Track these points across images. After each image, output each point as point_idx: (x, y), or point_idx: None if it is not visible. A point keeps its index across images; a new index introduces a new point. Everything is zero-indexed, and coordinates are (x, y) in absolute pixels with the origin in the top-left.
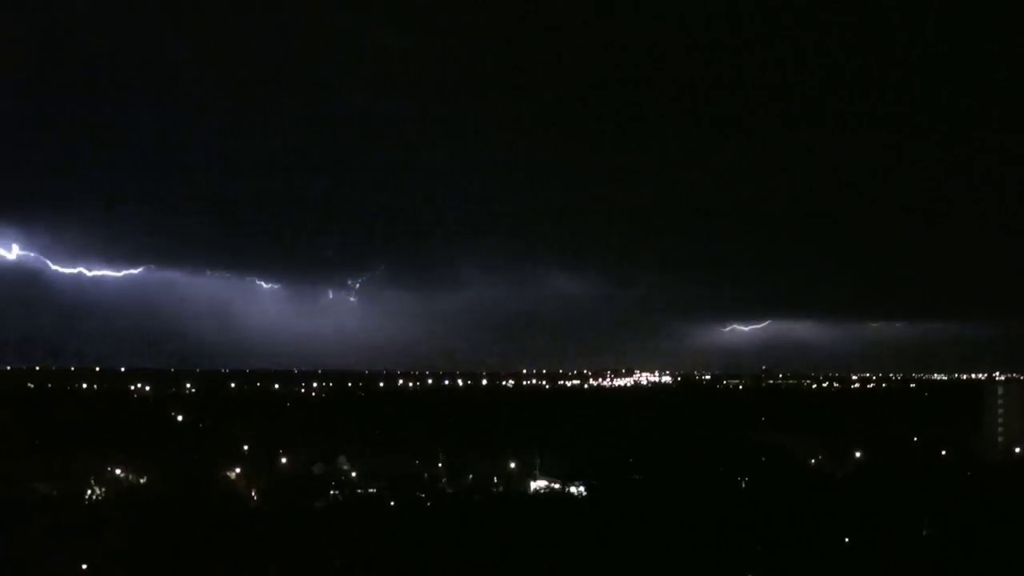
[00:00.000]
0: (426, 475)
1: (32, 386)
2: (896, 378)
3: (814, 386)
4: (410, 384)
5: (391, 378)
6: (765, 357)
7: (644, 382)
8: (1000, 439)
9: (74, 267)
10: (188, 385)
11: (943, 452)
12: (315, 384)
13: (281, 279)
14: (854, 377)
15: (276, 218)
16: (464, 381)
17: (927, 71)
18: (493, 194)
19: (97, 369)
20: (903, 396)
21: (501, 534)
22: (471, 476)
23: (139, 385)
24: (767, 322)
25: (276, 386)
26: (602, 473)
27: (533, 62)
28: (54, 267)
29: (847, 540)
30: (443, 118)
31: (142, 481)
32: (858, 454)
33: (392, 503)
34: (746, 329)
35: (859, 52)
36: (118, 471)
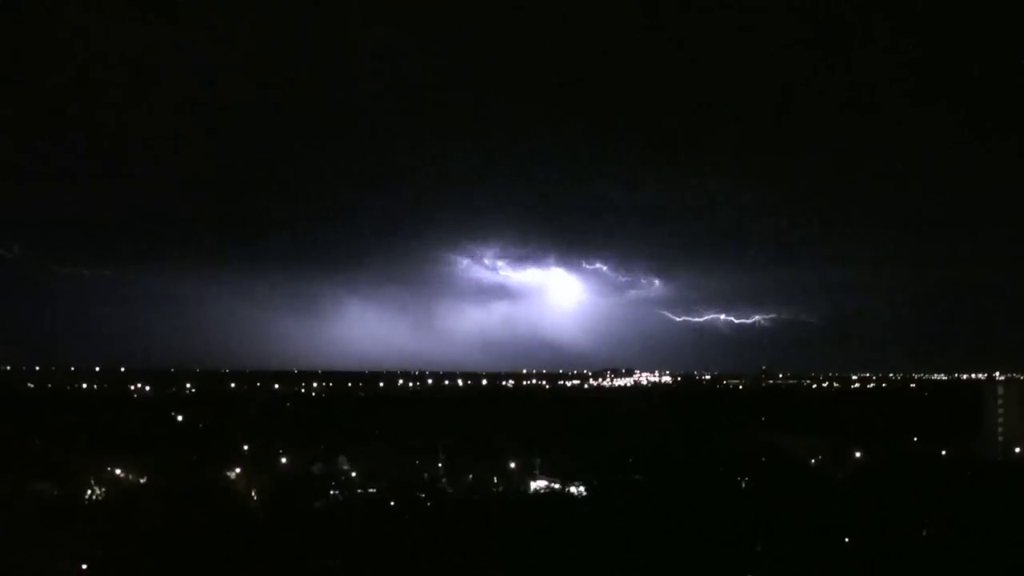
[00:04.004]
0: (426, 475)
1: (32, 386)
2: (896, 378)
3: (814, 386)
4: (410, 384)
5: (391, 378)
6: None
7: (644, 382)
8: (1000, 439)
9: (74, 267)
10: (188, 385)
11: (943, 452)
12: (315, 384)
13: (283, 279)
14: (854, 377)
15: (276, 218)
16: (464, 381)
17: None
18: (492, 192)
19: (97, 369)
20: (903, 396)
21: (501, 534)
22: (471, 476)
23: (139, 385)
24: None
25: (276, 386)
26: (602, 473)
27: (533, 62)
28: (54, 267)
29: (847, 540)
30: (442, 117)
31: (142, 481)
32: (858, 454)
33: (392, 503)
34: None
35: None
36: (118, 471)
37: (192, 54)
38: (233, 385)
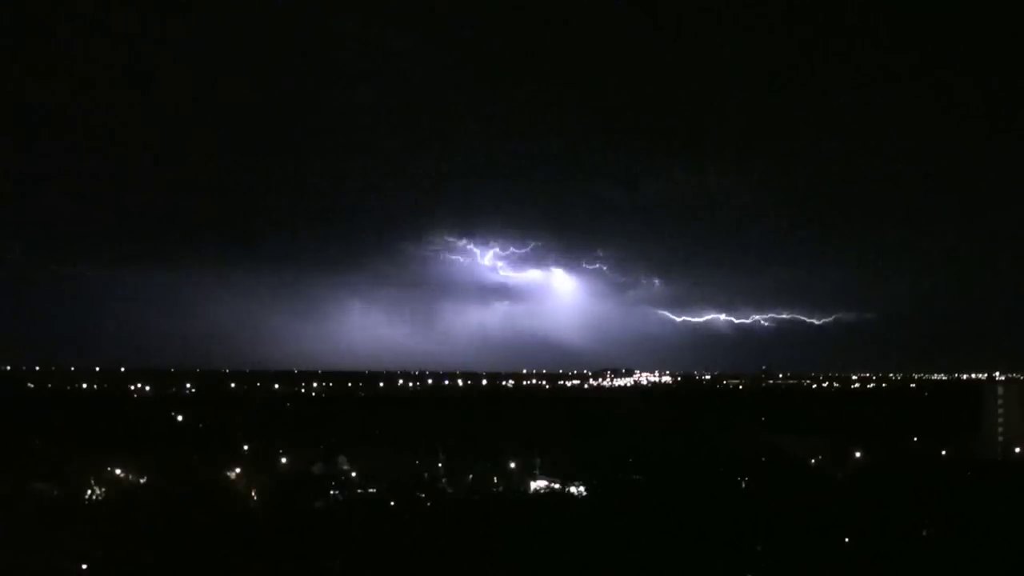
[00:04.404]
0: (426, 475)
1: (32, 386)
2: (896, 378)
3: (814, 386)
4: (410, 384)
5: (391, 378)
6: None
7: (644, 382)
8: (1000, 439)
9: (74, 267)
10: (188, 385)
11: (943, 452)
12: (315, 384)
13: (283, 279)
14: (854, 377)
15: (276, 218)
16: (464, 381)
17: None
18: (492, 192)
19: (97, 369)
20: (903, 396)
21: (501, 534)
22: (471, 476)
23: (139, 385)
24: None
25: (276, 386)
26: (602, 473)
27: (533, 62)
28: (54, 267)
29: (847, 540)
30: (442, 117)
31: (142, 481)
32: (858, 454)
33: (392, 503)
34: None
35: (860, 52)
36: (118, 471)
37: (192, 54)
38: (233, 385)
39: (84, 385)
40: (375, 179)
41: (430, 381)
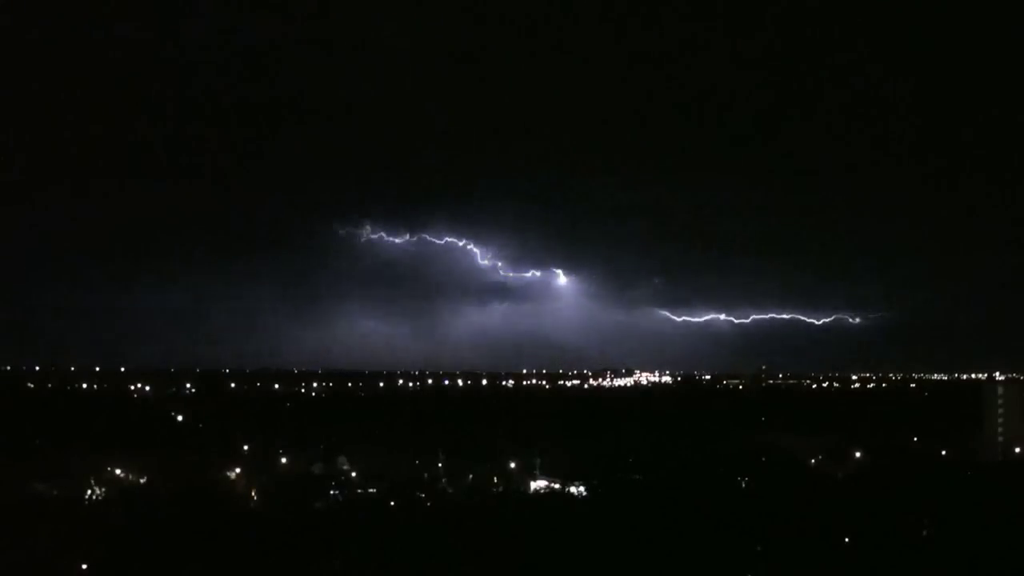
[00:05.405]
0: (426, 475)
1: (32, 386)
2: (896, 378)
3: (814, 386)
4: (410, 384)
5: (391, 378)
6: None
7: (644, 382)
8: (1000, 439)
9: (77, 267)
10: (188, 385)
11: (943, 452)
12: (315, 384)
13: (283, 279)
14: (854, 377)
15: (276, 217)
16: (464, 381)
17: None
18: (493, 193)
19: (97, 369)
20: (903, 396)
21: (501, 534)
22: (471, 476)
23: (139, 385)
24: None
25: (276, 386)
26: (602, 473)
27: (533, 62)
28: (56, 267)
29: (847, 540)
30: (442, 118)
31: (142, 481)
32: (858, 454)
33: (392, 503)
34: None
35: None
36: (118, 471)
37: (192, 54)
38: (233, 385)
39: (84, 385)
40: (375, 179)
41: (430, 381)
